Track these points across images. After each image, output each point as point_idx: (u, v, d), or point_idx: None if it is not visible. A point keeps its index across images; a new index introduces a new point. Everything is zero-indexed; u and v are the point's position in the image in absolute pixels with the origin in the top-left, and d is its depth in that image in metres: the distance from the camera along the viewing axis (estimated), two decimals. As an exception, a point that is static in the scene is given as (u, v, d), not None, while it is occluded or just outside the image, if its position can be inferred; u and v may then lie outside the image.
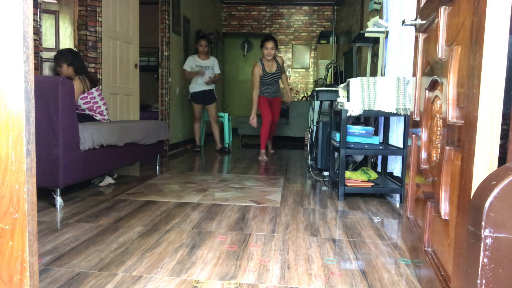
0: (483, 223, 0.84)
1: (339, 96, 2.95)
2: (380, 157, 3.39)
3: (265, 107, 4.90)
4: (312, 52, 9.02)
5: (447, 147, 1.19)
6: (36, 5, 2.86)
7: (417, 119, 1.70)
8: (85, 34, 3.71)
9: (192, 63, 5.27)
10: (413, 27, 1.97)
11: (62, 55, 3.17)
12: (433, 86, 1.45)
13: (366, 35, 3.49)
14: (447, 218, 1.16)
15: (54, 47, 3.71)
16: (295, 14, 8.96)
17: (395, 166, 3.15)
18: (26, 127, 0.83)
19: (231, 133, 6.36)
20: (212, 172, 3.87)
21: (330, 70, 6.50)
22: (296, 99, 8.71)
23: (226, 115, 5.98)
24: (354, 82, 2.68)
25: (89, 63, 3.75)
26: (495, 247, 0.84)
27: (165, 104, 5.27)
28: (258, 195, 2.87)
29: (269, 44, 4.71)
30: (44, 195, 2.62)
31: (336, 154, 3.30)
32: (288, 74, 9.08)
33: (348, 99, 2.72)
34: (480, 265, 0.85)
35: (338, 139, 2.81)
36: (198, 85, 5.26)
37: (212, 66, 5.37)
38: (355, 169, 3.52)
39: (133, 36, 4.45)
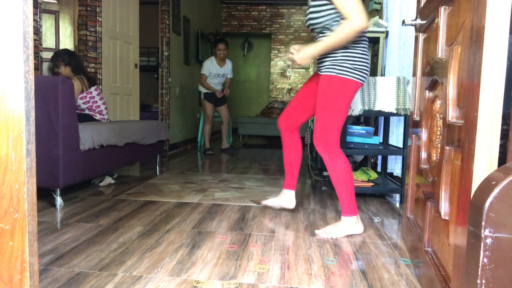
0: (483, 223, 0.84)
1: (339, 96, 2.95)
2: (380, 157, 3.39)
3: None
4: (312, 52, 9.00)
5: (447, 147, 1.19)
6: (36, 5, 2.86)
7: (417, 119, 1.70)
8: (85, 34, 3.71)
9: (211, 68, 5.15)
10: (413, 27, 1.97)
11: (59, 56, 3.18)
12: (433, 86, 1.45)
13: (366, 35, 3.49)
14: (447, 218, 1.16)
15: (54, 47, 3.72)
16: (295, 14, 8.96)
17: (395, 166, 3.15)
18: (26, 127, 0.83)
19: (231, 133, 6.37)
20: (212, 172, 3.87)
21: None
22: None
23: None
24: (354, 82, 2.67)
25: (89, 63, 3.75)
26: (495, 247, 0.84)
27: (165, 104, 5.27)
28: (258, 195, 2.87)
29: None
30: (44, 195, 2.62)
31: (336, 154, 3.29)
32: (288, 74, 9.08)
33: (348, 99, 2.72)
34: (480, 265, 0.85)
35: (338, 139, 2.81)
36: (211, 86, 5.20)
37: (227, 73, 5.29)
38: (355, 169, 3.52)
39: (133, 36, 4.45)
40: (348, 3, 1.80)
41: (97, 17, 3.74)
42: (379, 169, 3.36)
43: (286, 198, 2.35)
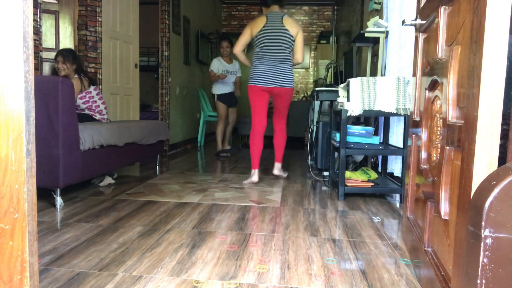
0: (483, 223, 0.84)
1: (339, 96, 2.95)
2: (380, 157, 3.39)
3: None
4: (312, 52, 9.02)
5: (447, 147, 1.19)
6: (36, 5, 2.86)
7: (417, 119, 1.70)
8: (85, 34, 3.71)
9: (219, 65, 5.19)
10: (413, 27, 1.97)
11: (69, 53, 3.23)
12: (433, 86, 1.45)
13: (366, 35, 3.49)
14: (447, 218, 1.16)
15: (54, 47, 3.72)
16: (295, 14, 8.96)
17: (395, 166, 3.15)
18: (26, 127, 0.83)
19: (231, 133, 6.35)
20: (212, 172, 3.87)
21: (330, 70, 6.50)
22: (296, 99, 8.71)
23: None
24: (354, 82, 2.67)
25: (89, 63, 3.75)
26: (495, 247, 0.84)
27: (165, 104, 5.27)
28: (258, 195, 2.87)
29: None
30: (44, 195, 2.62)
31: (336, 154, 3.30)
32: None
33: (348, 99, 2.72)
34: (480, 265, 0.85)
35: (338, 139, 2.81)
36: (224, 87, 5.20)
37: (236, 71, 5.34)
38: (355, 169, 3.52)
39: (133, 36, 4.45)
40: None
41: (97, 17, 3.74)
42: (379, 169, 3.36)
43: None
